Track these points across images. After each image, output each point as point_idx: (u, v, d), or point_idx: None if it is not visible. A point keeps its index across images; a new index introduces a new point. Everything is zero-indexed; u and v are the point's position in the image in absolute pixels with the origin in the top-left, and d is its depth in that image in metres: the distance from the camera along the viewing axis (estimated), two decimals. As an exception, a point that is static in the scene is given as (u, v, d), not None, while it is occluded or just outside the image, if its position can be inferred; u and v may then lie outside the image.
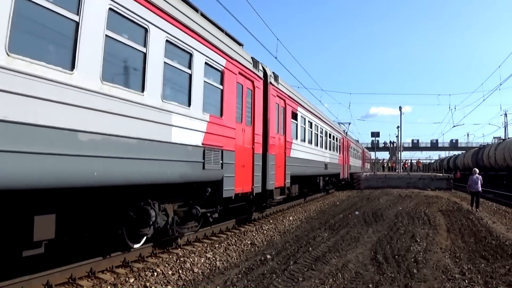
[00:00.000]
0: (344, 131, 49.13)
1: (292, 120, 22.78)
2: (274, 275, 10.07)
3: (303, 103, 26.07)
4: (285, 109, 21.28)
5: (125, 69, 9.47)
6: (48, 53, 7.25)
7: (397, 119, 67.29)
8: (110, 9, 8.34)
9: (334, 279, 9.78)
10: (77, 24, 7.43)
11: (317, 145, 29.99)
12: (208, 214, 13.93)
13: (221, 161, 13.25)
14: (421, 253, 12.63)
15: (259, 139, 17.09)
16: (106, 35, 8.17)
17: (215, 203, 13.97)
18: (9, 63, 6.16)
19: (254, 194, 16.55)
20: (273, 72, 19.38)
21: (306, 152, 26.00)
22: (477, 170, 28.40)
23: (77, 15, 7.42)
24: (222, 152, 13.35)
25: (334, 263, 11.28)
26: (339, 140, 42.05)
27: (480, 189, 26.41)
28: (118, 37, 8.62)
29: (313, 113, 28.88)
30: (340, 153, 41.81)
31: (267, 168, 17.80)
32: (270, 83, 18.61)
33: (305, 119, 26.25)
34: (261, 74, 17.59)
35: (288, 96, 22.00)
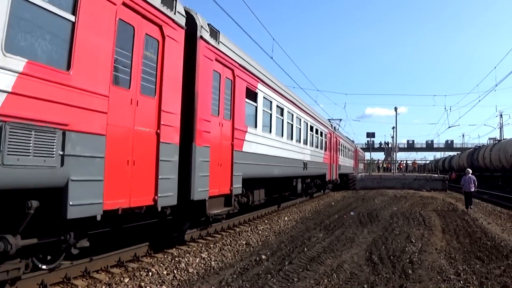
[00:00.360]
0: (332, 126, 42.89)
1: (247, 100, 16.45)
2: (269, 275, 10.06)
3: (269, 80, 19.40)
4: (233, 83, 15.03)
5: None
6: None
7: (392, 119, 67.67)
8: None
9: (329, 279, 9.77)
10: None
11: (291, 139, 23.53)
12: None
13: (60, 152, 7.37)
14: (416, 254, 12.63)
15: (172, 120, 10.93)
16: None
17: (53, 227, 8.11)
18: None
19: (160, 209, 10.46)
20: (209, 24, 13.12)
21: (272, 147, 19.66)
22: (470, 171, 28.63)
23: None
24: (63, 134, 7.45)
25: (329, 264, 11.28)
26: (325, 135, 36.52)
27: (473, 189, 26.71)
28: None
29: (285, 97, 22.35)
30: (326, 150, 36.38)
31: (192, 166, 12.05)
32: (202, 38, 12.54)
33: (271, 102, 19.67)
34: (180, 21, 11.42)
35: (240, 65, 15.52)
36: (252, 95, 17.07)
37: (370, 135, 69.72)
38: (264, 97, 18.56)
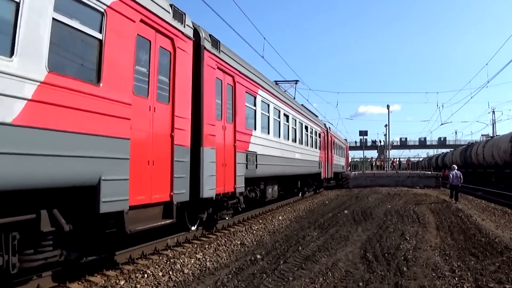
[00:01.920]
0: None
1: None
2: (264, 274, 10.05)
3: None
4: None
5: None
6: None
7: (386, 117, 67.52)
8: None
9: (324, 278, 9.77)
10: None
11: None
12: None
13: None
14: (410, 251, 12.64)
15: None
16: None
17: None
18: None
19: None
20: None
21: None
22: (456, 167, 31.98)
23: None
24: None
25: (324, 262, 11.27)
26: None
27: (459, 183, 29.32)
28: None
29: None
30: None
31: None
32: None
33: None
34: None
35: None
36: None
37: (363, 133, 69.94)
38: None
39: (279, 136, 22.99)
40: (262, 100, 19.88)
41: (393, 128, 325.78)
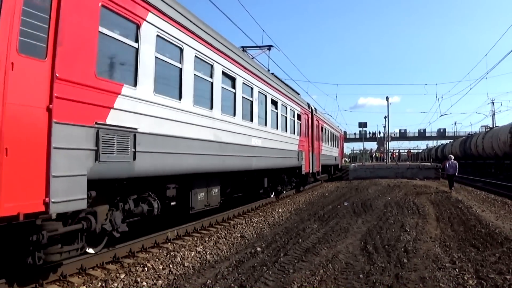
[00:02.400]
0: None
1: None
2: (264, 267, 10.05)
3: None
4: None
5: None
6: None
7: (385, 109, 67.46)
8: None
9: (324, 270, 9.76)
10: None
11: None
12: None
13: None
14: (411, 243, 12.63)
15: None
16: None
17: None
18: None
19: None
20: None
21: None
22: (452, 157, 33.19)
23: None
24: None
25: (324, 254, 11.27)
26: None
27: (455, 172, 31.11)
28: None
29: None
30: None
31: None
32: None
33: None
34: None
35: None
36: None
37: (362, 125, 69.90)
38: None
39: (211, 108, 14.36)
40: (163, 34, 11.37)
41: (392, 119, 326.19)
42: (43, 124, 7.36)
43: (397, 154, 76.83)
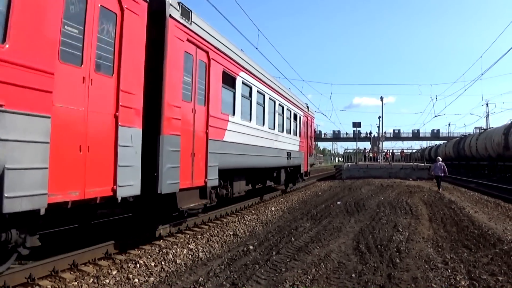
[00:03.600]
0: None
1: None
2: (257, 265, 10.04)
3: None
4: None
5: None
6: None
7: (380, 109, 67.45)
8: None
9: (316, 269, 9.74)
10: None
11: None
12: None
13: None
14: (403, 243, 12.64)
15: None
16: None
17: None
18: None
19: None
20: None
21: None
22: (440, 158, 33.96)
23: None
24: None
25: (316, 253, 11.27)
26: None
27: (442, 173, 32.24)
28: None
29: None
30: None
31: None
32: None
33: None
34: None
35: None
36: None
37: (356, 124, 69.58)
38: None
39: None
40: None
41: (387, 120, 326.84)
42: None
43: (390, 154, 76.92)
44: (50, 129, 7.48)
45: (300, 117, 31.36)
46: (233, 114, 16.66)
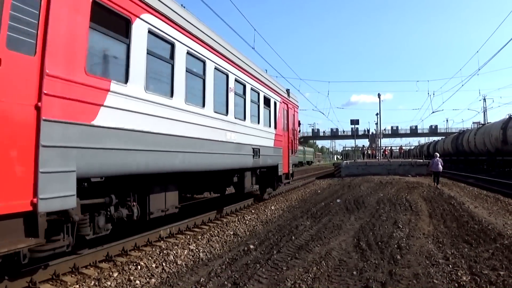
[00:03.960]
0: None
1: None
2: (258, 265, 10.04)
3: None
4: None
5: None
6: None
7: (378, 106, 67.15)
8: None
9: (318, 267, 9.75)
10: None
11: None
12: None
13: None
14: (404, 239, 12.63)
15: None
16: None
17: None
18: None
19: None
20: None
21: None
22: (438, 154, 35.38)
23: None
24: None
25: (317, 251, 11.26)
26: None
27: (440, 169, 33.16)
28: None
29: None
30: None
31: None
32: None
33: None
34: None
35: None
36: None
37: (354, 122, 69.48)
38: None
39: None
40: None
41: (385, 116, 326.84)
42: None
43: (389, 151, 76.87)
44: None
45: (276, 104, 23.31)
46: (125, 80, 9.70)
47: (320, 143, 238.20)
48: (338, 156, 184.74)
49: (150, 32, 10.61)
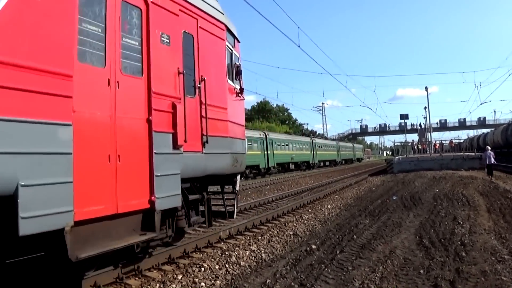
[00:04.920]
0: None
1: None
2: (322, 265, 10.05)
3: None
4: None
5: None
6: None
7: (424, 99, 66.61)
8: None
9: (384, 266, 9.74)
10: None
11: None
12: None
13: None
14: (466, 235, 12.51)
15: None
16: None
17: None
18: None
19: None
20: None
21: None
22: (489, 147, 36.18)
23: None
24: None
25: (381, 250, 11.25)
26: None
27: (493, 161, 33.45)
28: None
29: None
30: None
31: None
32: None
33: None
34: None
35: None
36: None
37: (404, 116, 68.67)
38: None
39: None
40: None
41: (432, 110, 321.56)
42: None
43: (439, 145, 75.81)
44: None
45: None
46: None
47: (368, 139, 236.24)
48: (388, 152, 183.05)
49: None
